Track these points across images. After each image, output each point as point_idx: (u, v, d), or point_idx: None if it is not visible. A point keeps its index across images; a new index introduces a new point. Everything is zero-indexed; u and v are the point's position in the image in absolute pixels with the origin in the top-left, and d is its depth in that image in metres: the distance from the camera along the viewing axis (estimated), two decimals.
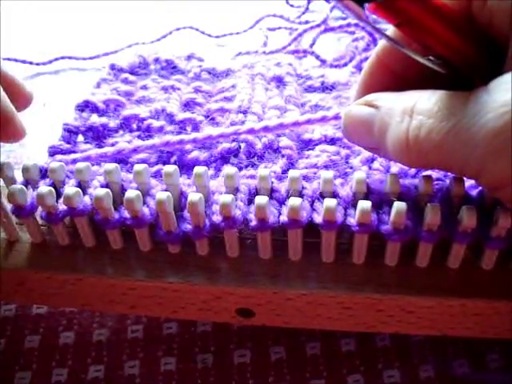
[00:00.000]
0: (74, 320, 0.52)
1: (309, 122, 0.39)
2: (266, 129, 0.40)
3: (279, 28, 0.78)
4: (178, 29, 0.78)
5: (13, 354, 0.49)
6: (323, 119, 0.39)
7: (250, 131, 0.40)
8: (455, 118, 0.29)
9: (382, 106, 0.34)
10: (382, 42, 0.37)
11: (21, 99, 0.43)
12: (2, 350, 0.49)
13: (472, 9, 0.31)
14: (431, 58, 0.32)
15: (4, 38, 0.76)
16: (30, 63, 0.75)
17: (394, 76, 0.37)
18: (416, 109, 0.31)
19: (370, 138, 0.35)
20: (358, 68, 0.63)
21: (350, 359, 0.48)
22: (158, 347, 0.50)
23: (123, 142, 0.46)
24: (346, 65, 0.66)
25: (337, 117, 0.39)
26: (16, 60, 0.73)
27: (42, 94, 0.68)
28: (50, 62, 0.76)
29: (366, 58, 0.65)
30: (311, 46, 0.71)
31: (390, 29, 0.35)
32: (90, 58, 0.76)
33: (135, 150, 0.43)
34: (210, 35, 0.78)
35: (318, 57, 0.68)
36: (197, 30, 0.78)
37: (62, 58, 0.77)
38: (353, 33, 0.72)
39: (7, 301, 0.52)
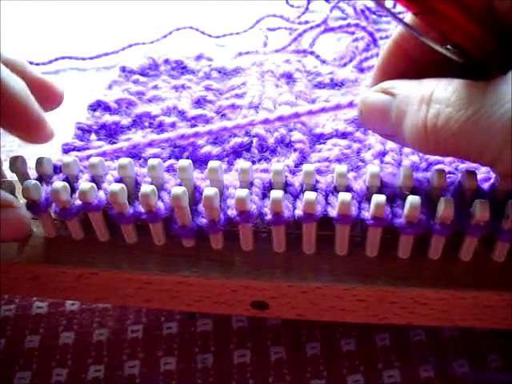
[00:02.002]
0: (74, 320, 0.52)
1: (323, 110, 0.39)
2: (281, 118, 0.40)
3: (279, 28, 0.78)
4: (178, 29, 0.78)
5: (13, 354, 0.49)
6: (337, 107, 0.39)
7: (265, 121, 0.40)
8: (473, 106, 0.29)
9: (399, 93, 0.35)
10: (400, 28, 0.38)
11: (52, 99, 0.43)
12: (2, 350, 0.49)
13: None
14: (449, 47, 0.33)
15: (4, 38, 0.76)
16: (30, 63, 0.75)
17: (411, 62, 0.38)
18: (434, 97, 0.32)
19: (386, 125, 0.36)
20: (359, 68, 0.63)
21: (350, 359, 0.48)
22: (158, 347, 0.49)
23: (137, 137, 0.46)
24: (345, 65, 0.67)
25: (351, 104, 0.39)
26: None
27: None
28: (50, 62, 0.76)
29: (366, 58, 0.66)
30: (311, 46, 0.72)
31: (407, 16, 0.35)
32: (90, 58, 0.76)
33: (150, 145, 0.43)
34: (210, 35, 0.78)
35: (317, 57, 0.69)
36: (197, 30, 0.78)
37: (62, 58, 0.76)
38: (353, 33, 0.72)
39: (21, 295, 0.52)
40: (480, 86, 0.30)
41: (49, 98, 0.42)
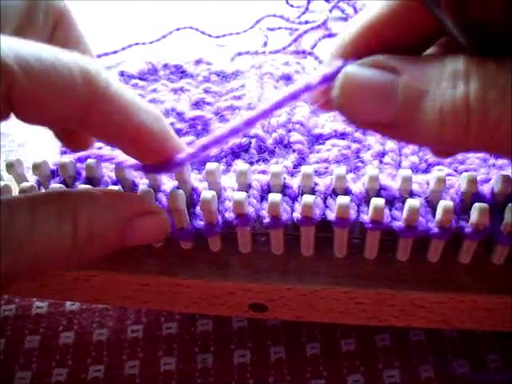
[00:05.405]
0: (74, 320, 0.52)
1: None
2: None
3: (279, 28, 0.78)
4: (178, 29, 0.78)
5: (13, 354, 0.49)
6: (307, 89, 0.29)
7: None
8: None
9: (406, 69, 0.27)
10: (378, 10, 0.30)
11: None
12: (2, 350, 0.49)
13: None
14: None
15: None
16: None
17: (383, 48, 0.29)
18: (472, 71, 0.26)
19: (385, 109, 0.28)
20: None
21: (350, 359, 0.48)
22: (158, 347, 0.50)
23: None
24: None
25: (325, 79, 0.29)
26: None
27: None
28: None
29: None
30: (312, 47, 0.71)
31: None
32: None
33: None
34: (210, 35, 0.77)
35: (316, 58, 0.68)
36: (197, 30, 0.78)
37: None
38: None
39: (20, 296, 0.52)
40: None
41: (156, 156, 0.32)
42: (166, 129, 0.32)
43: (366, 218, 0.35)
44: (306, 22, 0.77)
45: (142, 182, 0.39)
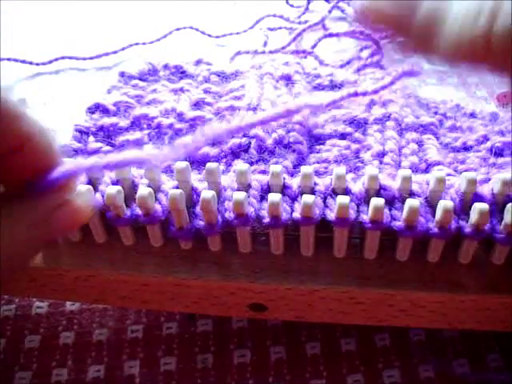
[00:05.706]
0: (74, 320, 0.52)
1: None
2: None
3: (279, 28, 0.78)
4: (178, 29, 0.78)
5: (13, 353, 0.49)
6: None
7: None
8: None
9: None
10: None
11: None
12: (2, 349, 0.49)
13: None
14: None
15: (4, 38, 0.76)
16: (30, 63, 0.74)
17: None
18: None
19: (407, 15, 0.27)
20: (357, 69, 0.63)
21: (350, 359, 0.48)
22: (158, 347, 0.50)
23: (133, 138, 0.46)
24: (343, 66, 0.66)
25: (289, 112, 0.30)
26: (16, 60, 0.73)
27: (42, 94, 0.68)
28: (50, 62, 0.76)
29: (371, 64, 0.65)
30: (312, 47, 0.71)
31: None
32: (90, 58, 0.76)
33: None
34: (210, 35, 0.77)
35: (316, 57, 0.68)
36: (197, 30, 0.78)
37: (62, 58, 0.76)
38: (356, 37, 0.71)
39: (20, 296, 0.52)
40: None
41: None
42: (52, 139, 0.28)
43: (365, 217, 0.35)
44: (306, 22, 0.77)
45: (142, 182, 0.39)
